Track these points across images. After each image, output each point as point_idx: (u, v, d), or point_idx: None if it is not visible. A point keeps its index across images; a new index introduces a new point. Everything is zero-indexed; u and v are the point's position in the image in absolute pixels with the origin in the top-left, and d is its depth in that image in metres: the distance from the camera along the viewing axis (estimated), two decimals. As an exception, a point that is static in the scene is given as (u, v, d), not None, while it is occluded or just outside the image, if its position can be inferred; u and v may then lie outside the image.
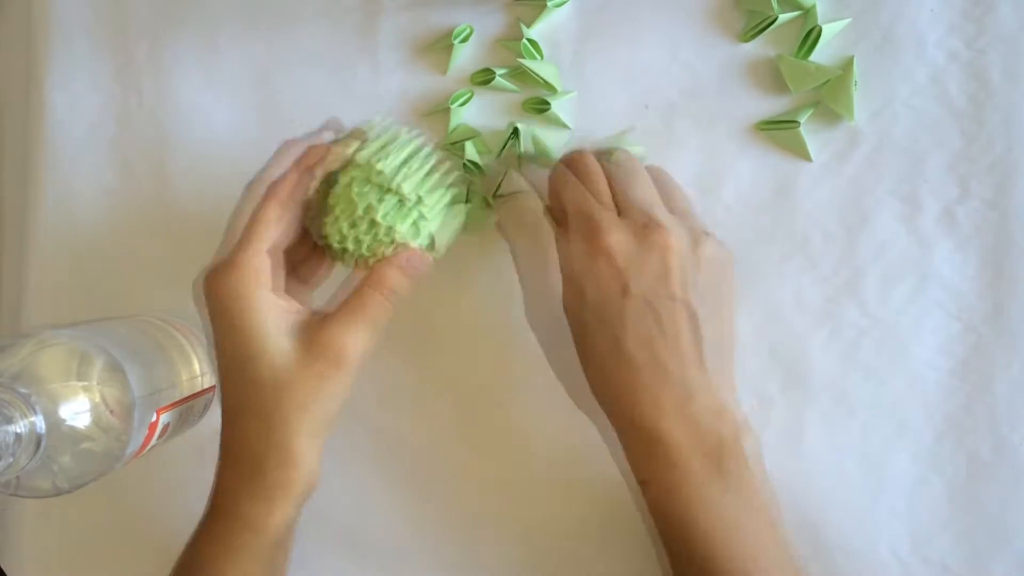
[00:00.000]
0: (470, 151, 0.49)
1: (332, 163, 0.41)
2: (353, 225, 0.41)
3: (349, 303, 0.39)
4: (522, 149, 0.49)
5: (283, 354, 0.37)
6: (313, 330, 0.38)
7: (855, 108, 0.47)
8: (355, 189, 0.40)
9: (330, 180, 0.42)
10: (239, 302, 0.37)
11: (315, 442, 0.38)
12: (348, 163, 0.41)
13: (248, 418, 0.38)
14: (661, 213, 0.41)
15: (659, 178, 0.45)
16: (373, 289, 0.39)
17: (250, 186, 0.42)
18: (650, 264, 0.39)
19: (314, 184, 0.41)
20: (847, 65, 0.47)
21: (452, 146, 0.50)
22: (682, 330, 0.39)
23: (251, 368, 0.37)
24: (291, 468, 0.38)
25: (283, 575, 0.42)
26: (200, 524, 0.41)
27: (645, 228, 0.40)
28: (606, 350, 0.39)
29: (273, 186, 0.40)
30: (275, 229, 0.39)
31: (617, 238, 0.40)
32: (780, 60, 0.48)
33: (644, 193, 0.42)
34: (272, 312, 0.38)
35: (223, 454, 0.40)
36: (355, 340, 0.38)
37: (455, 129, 0.50)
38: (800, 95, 0.48)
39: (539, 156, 0.48)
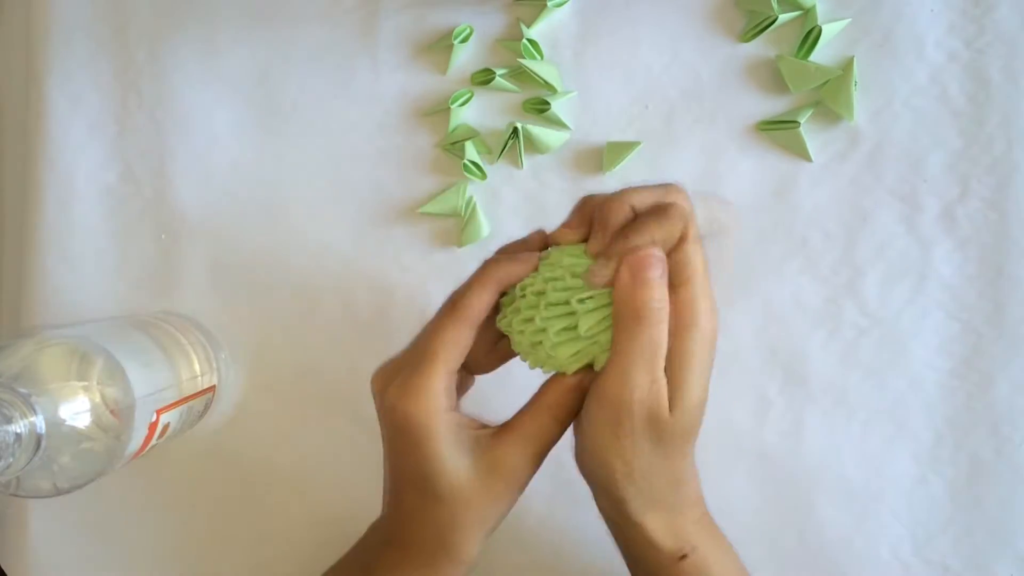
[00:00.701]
0: (470, 151, 0.49)
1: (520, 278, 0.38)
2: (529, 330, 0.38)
3: (521, 424, 0.38)
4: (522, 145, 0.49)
5: (462, 474, 0.37)
6: (490, 450, 0.38)
7: (855, 108, 0.47)
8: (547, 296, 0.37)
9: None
10: (421, 425, 0.37)
11: (483, 542, 0.39)
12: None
13: (425, 526, 0.39)
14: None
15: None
16: (545, 411, 0.38)
17: (449, 304, 0.39)
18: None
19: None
20: (847, 65, 0.47)
21: (452, 146, 0.50)
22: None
23: (432, 487, 0.37)
24: (459, 564, 0.39)
25: None
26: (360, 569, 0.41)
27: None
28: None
29: (466, 307, 0.38)
30: (461, 350, 0.38)
31: None
32: (780, 60, 0.48)
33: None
34: (451, 433, 0.37)
35: (393, 546, 0.40)
36: (527, 466, 0.38)
37: (455, 129, 0.50)
38: (800, 95, 0.48)
39: None
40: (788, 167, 0.49)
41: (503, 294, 0.39)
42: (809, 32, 0.47)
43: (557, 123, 0.50)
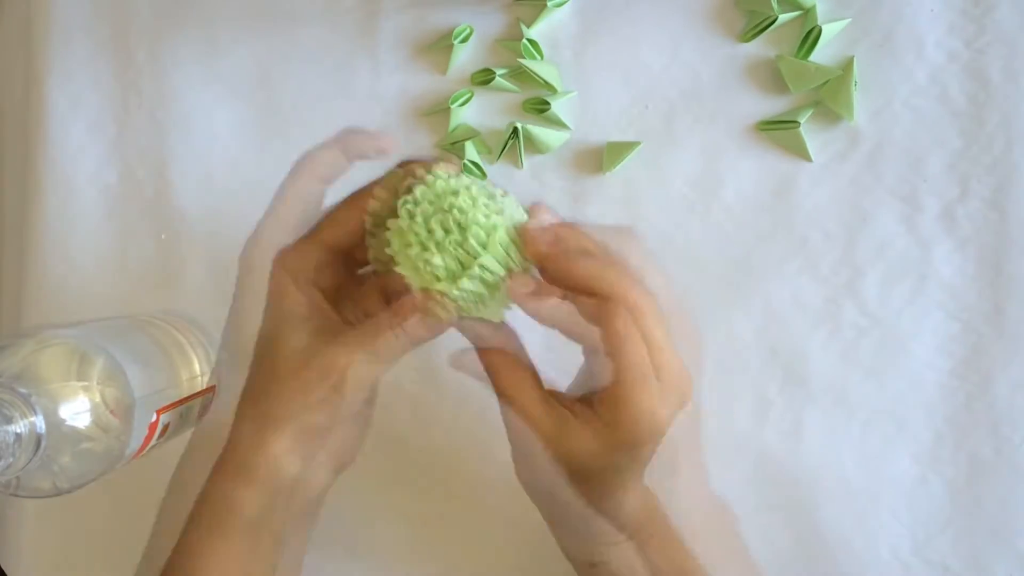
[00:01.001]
0: (470, 151, 0.49)
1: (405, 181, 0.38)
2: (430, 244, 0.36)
3: (364, 327, 0.37)
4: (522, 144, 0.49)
5: (291, 351, 0.37)
6: (321, 339, 0.37)
7: (855, 108, 0.47)
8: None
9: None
10: (289, 286, 0.38)
11: (293, 447, 0.37)
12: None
13: (250, 402, 0.39)
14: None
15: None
16: (389, 325, 0.37)
17: (300, 163, 0.40)
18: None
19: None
20: (847, 65, 0.47)
21: (452, 146, 0.50)
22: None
23: (269, 353, 0.38)
24: (260, 462, 0.37)
25: (266, 566, 0.40)
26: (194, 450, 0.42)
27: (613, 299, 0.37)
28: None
29: (360, 191, 0.39)
30: (343, 226, 0.38)
31: None
32: (780, 60, 0.48)
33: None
34: (306, 308, 0.38)
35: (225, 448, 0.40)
36: (353, 366, 0.37)
37: (455, 129, 0.50)
38: (800, 95, 0.48)
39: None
40: (788, 167, 0.49)
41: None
42: (809, 32, 0.47)
43: (557, 123, 0.50)
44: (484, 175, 0.50)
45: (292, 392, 0.37)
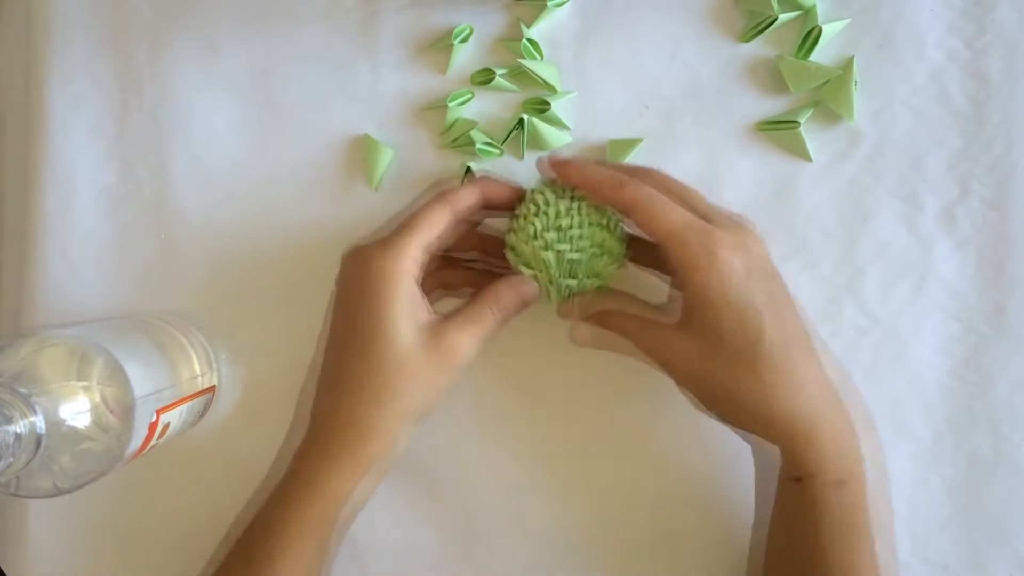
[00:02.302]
0: (477, 136, 0.49)
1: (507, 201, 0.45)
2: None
3: (466, 311, 0.43)
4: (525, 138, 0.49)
5: (409, 341, 0.41)
6: (434, 327, 0.42)
7: (855, 108, 0.47)
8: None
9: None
10: (387, 284, 0.41)
11: (404, 426, 0.42)
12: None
13: (353, 385, 0.42)
14: (736, 216, 0.43)
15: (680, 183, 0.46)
16: (486, 304, 0.43)
17: (431, 187, 0.49)
18: (764, 267, 0.41)
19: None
20: (847, 65, 0.47)
21: (452, 143, 0.50)
22: (802, 325, 0.41)
23: (378, 346, 0.41)
24: (369, 441, 0.42)
25: (333, 553, 0.45)
26: (274, 485, 0.44)
27: (743, 233, 0.41)
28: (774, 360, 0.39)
29: (455, 198, 0.44)
30: (436, 228, 0.43)
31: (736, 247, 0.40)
32: (780, 60, 0.48)
33: (706, 200, 0.44)
34: (411, 302, 0.42)
35: (314, 420, 0.44)
36: (467, 344, 0.42)
37: (455, 123, 0.50)
38: (800, 95, 0.48)
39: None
40: (788, 167, 0.49)
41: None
42: (809, 32, 0.47)
43: (557, 123, 0.50)
44: (501, 152, 0.50)
45: (423, 375, 0.41)
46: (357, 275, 0.42)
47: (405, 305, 0.41)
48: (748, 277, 0.39)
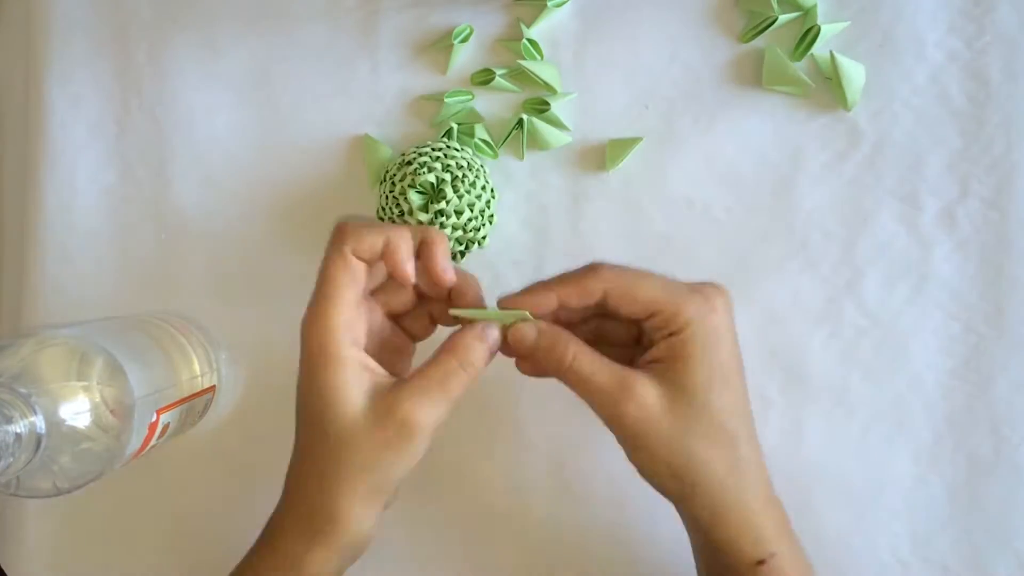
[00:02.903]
0: (479, 132, 0.49)
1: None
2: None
3: (426, 371, 0.38)
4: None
5: (353, 414, 0.37)
6: (386, 395, 0.37)
7: (848, 99, 0.47)
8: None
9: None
10: (323, 354, 0.37)
11: (369, 504, 0.38)
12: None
13: (309, 466, 0.38)
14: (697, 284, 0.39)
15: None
16: (451, 356, 0.38)
17: (334, 238, 0.40)
18: (728, 330, 0.38)
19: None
20: (831, 64, 0.47)
21: (445, 137, 0.50)
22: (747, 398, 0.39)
23: (321, 420, 0.37)
24: (336, 523, 0.38)
25: None
26: (249, 554, 0.41)
27: (709, 296, 0.38)
28: (725, 423, 0.38)
29: (345, 239, 0.39)
30: (356, 282, 0.38)
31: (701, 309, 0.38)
32: (767, 50, 0.48)
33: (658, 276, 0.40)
34: (351, 368, 0.37)
35: (284, 490, 0.40)
36: (427, 412, 0.37)
37: (456, 113, 0.50)
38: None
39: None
40: (788, 167, 0.49)
41: None
42: (807, 31, 0.47)
43: (557, 124, 0.50)
44: (496, 154, 0.50)
45: (369, 451, 0.37)
46: (302, 349, 0.38)
47: (342, 376, 0.37)
48: (719, 343, 0.37)
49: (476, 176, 0.47)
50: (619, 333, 0.41)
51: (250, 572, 0.40)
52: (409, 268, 0.38)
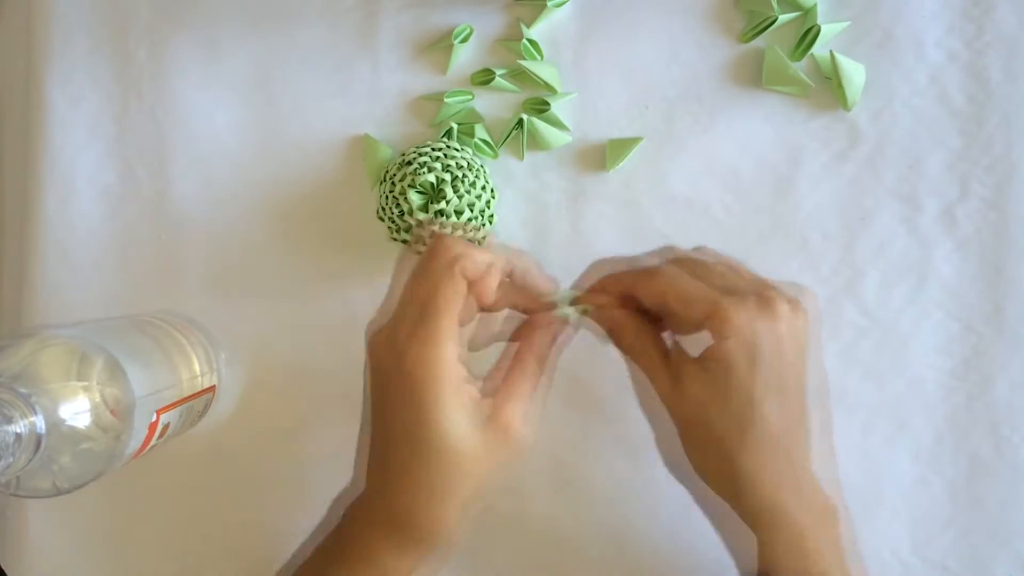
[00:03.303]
0: (480, 132, 0.50)
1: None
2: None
3: (513, 375, 0.39)
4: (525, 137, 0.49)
5: (462, 431, 0.37)
6: (487, 409, 0.38)
7: (848, 100, 0.47)
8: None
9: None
10: (432, 373, 0.37)
11: (469, 514, 0.39)
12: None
13: (408, 482, 0.38)
14: (775, 286, 0.39)
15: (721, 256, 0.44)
16: (529, 355, 0.40)
17: (449, 258, 0.40)
18: (786, 340, 0.37)
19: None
20: (831, 64, 0.47)
21: (445, 137, 0.50)
22: (810, 408, 0.38)
23: (429, 441, 0.37)
24: (438, 536, 0.38)
25: None
26: (328, 561, 0.41)
27: (771, 302, 0.38)
28: (770, 427, 0.37)
29: (458, 261, 0.39)
30: (459, 300, 0.39)
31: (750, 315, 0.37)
32: (767, 50, 0.48)
33: (746, 273, 0.41)
34: (459, 387, 0.38)
35: (366, 503, 0.40)
36: (525, 415, 0.38)
37: (456, 113, 0.50)
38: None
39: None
40: (788, 167, 0.49)
41: None
42: (807, 31, 0.47)
43: (557, 124, 0.50)
44: (496, 154, 0.50)
45: (477, 465, 0.37)
46: (395, 365, 0.38)
47: (454, 393, 0.37)
48: (770, 354, 0.37)
49: (476, 176, 0.47)
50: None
51: None
52: (495, 293, 0.40)
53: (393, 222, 0.47)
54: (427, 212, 0.45)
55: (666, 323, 0.42)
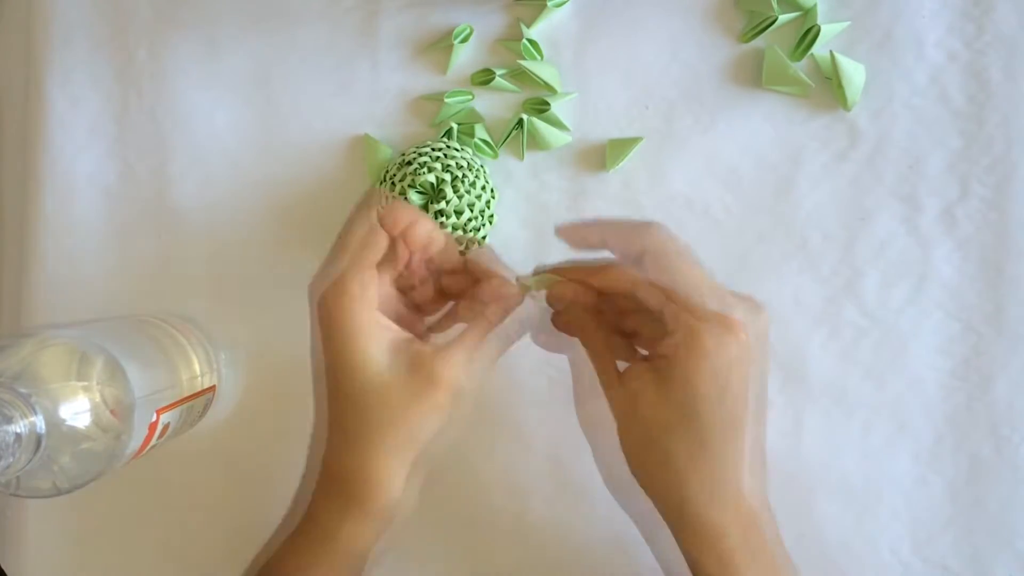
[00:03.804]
0: (480, 132, 0.50)
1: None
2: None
3: (464, 330, 0.39)
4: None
5: (377, 369, 0.37)
6: (412, 352, 0.38)
7: (848, 100, 0.47)
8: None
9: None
10: (343, 318, 0.37)
11: (399, 463, 0.38)
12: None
13: (335, 431, 0.38)
14: (735, 301, 0.38)
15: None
16: (481, 310, 0.40)
17: (363, 205, 0.42)
18: (737, 347, 0.36)
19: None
20: (831, 64, 0.47)
21: (445, 137, 0.50)
22: (748, 421, 0.38)
23: (345, 382, 0.37)
24: (367, 485, 0.37)
25: None
26: (281, 526, 0.41)
27: (731, 310, 0.37)
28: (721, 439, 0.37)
29: (371, 208, 0.40)
30: (376, 247, 0.39)
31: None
32: (767, 50, 0.48)
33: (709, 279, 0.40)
34: (372, 329, 0.38)
35: (308, 465, 0.40)
36: (451, 363, 0.37)
37: (456, 113, 0.50)
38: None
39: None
40: (788, 167, 0.49)
41: None
42: (807, 31, 0.47)
43: (557, 124, 0.50)
44: (496, 154, 0.50)
45: (396, 406, 0.37)
46: (319, 317, 0.39)
47: (368, 337, 0.37)
48: (703, 360, 0.36)
49: (476, 176, 0.47)
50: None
51: (287, 547, 0.40)
52: (426, 242, 0.40)
53: None
54: (427, 212, 0.45)
55: (622, 322, 0.42)
